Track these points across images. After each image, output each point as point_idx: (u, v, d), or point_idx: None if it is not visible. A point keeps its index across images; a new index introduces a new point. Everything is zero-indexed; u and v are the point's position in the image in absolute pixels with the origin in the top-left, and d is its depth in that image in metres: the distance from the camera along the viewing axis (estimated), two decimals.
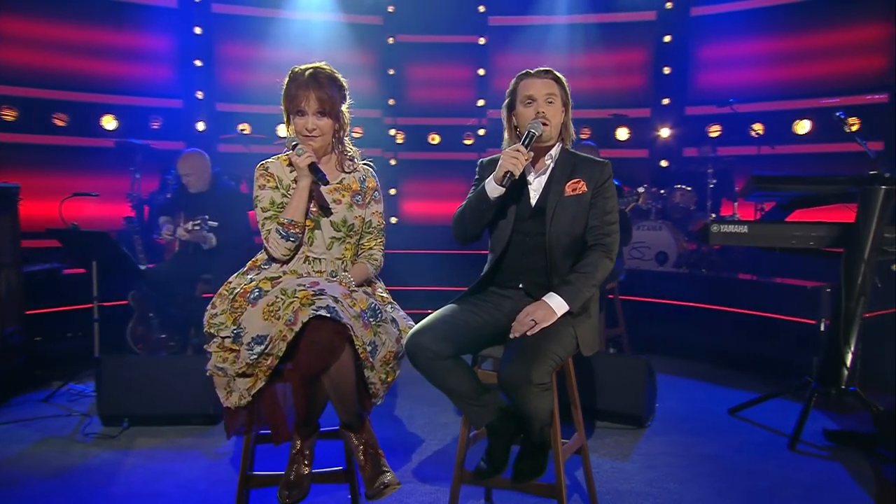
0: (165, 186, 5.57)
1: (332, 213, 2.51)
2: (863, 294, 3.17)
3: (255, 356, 2.23)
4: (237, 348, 2.28)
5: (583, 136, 7.56)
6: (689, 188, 6.19)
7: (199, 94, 7.23)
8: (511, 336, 2.27)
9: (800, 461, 3.17)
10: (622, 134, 7.45)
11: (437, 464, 3.15)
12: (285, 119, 2.51)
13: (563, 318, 2.29)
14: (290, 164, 2.51)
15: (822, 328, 4.16)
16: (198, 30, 7.13)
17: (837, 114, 3.51)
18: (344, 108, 2.52)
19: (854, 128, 6.47)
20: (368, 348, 2.29)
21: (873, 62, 6.29)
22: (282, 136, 7.07)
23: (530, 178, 2.50)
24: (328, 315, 2.17)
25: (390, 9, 7.65)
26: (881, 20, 6.21)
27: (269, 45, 7.31)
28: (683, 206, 6.13)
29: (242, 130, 6.95)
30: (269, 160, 2.55)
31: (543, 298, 2.31)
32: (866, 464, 3.12)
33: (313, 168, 2.40)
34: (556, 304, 2.29)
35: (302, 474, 2.39)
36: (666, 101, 7.22)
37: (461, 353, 2.36)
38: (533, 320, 2.24)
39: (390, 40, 7.75)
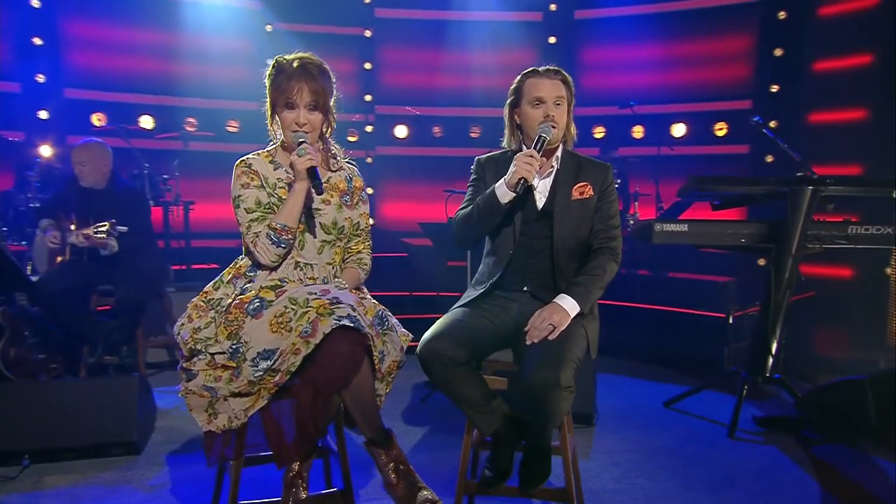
0: (25, 185, 4.95)
1: (322, 215, 2.40)
2: (789, 287, 3.51)
3: (261, 373, 2.08)
4: (233, 365, 2.13)
5: (472, 135, 7.71)
6: None
7: (41, 78, 6.50)
8: (529, 342, 2.26)
9: (743, 448, 3.44)
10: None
11: (429, 478, 3.07)
12: (269, 113, 2.36)
13: (574, 320, 2.32)
14: (273, 161, 2.37)
15: (731, 321, 4.55)
16: (35, 2, 6.40)
17: (755, 118, 3.84)
18: (332, 102, 2.39)
19: (722, 132, 7.15)
20: (378, 357, 2.20)
21: (738, 71, 7.00)
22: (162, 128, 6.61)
23: (535, 180, 2.50)
24: (351, 325, 2.06)
25: None
26: (744, 33, 6.92)
27: (127, 24, 6.74)
28: None
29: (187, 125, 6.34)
30: (249, 156, 2.38)
31: (556, 301, 2.33)
32: (797, 446, 3.45)
33: (312, 173, 2.26)
34: (569, 306, 2.32)
35: (300, 499, 2.24)
36: None
37: (473, 358, 2.35)
38: (551, 325, 2.26)
39: (268, 28, 7.42)
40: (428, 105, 7.61)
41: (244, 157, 2.37)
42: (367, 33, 7.65)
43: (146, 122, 6.85)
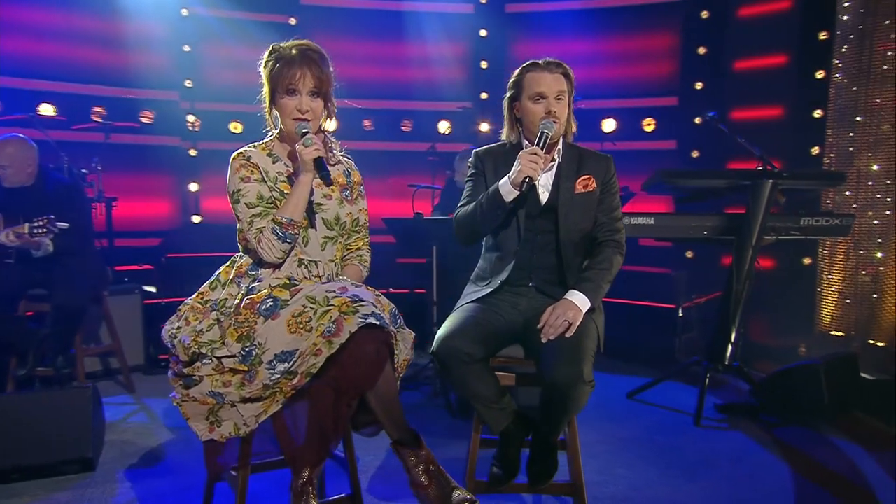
0: None
1: (324, 210, 2.34)
2: (748, 277, 3.70)
3: (278, 376, 2.02)
4: (244, 368, 2.06)
5: (404, 129, 7.66)
6: None
7: None
8: (545, 339, 2.28)
9: (710, 435, 3.60)
10: (443, 127, 7.68)
11: None
12: (267, 101, 2.30)
13: (586, 315, 2.36)
14: (272, 154, 2.31)
15: (680, 312, 4.74)
16: None
17: (710, 114, 4.02)
18: (331, 89, 2.33)
19: (650, 127, 7.44)
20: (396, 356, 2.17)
21: (664, 68, 7.30)
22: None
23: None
24: (377, 323, 2.03)
25: None
26: (669, 31, 7.23)
27: (24, 5, 6.25)
28: None
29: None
30: (246, 148, 2.30)
31: (567, 297, 2.36)
32: (760, 430, 3.65)
33: (319, 163, 2.20)
34: (581, 301, 2.35)
35: None
36: (484, 96, 7.62)
37: (489, 355, 2.35)
38: (566, 321, 2.28)
39: (184, 12, 7.07)
40: (357, 97, 7.48)
41: (241, 150, 2.30)
42: (292, 21, 7.40)
43: (46, 109, 6.35)
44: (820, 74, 6.02)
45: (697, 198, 3.96)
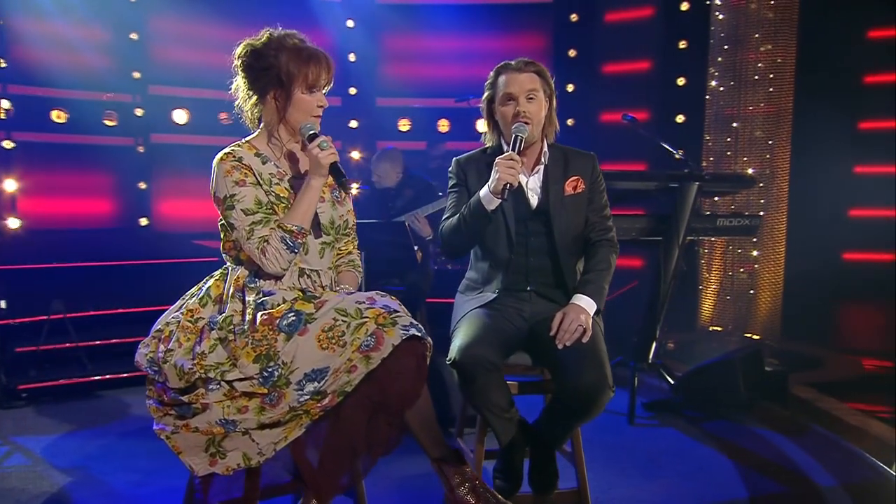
0: None
1: (320, 215, 2.25)
2: (674, 277, 3.97)
3: (307, 397, 1.92)
4: (263, 391, 1.93)
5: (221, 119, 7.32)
6: None
7: None
8: (560, 345, 2.31)
9: (648, 433, 3.83)
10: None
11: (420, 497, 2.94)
12: (254, 95, 2.21)
13: (593, 318, 2.43)
14: (259, 154, 2.18)
15: None
16: None
17: (627, 117, 4.25)
18: None
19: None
20: None
21: None
22: None
23: (521, 177, 2.55)
24: (419, 334, 1.98)
25: None
26: (541, 32, 7.57)
27: None
28: None
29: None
30: (235, 148, 2.17)
31: (574, 302, 2.42)
32: (690, 426, 3.93)
33: (335, 168, 2.12)
34: (587, 304, 2.44)
35: None
36: (353, 91, 7.48)
37: (503, 363, 2.40)
38: (580, 326, 2.33)
39: None
40: (212, 88, 7.05)
41: (230, 150, 2.15)
42: None
43: None
44: (681, 81, 6.62)
45: (627, 200, 4.18)
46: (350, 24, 7.45)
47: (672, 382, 4.13)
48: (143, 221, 6.96)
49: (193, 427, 1.96)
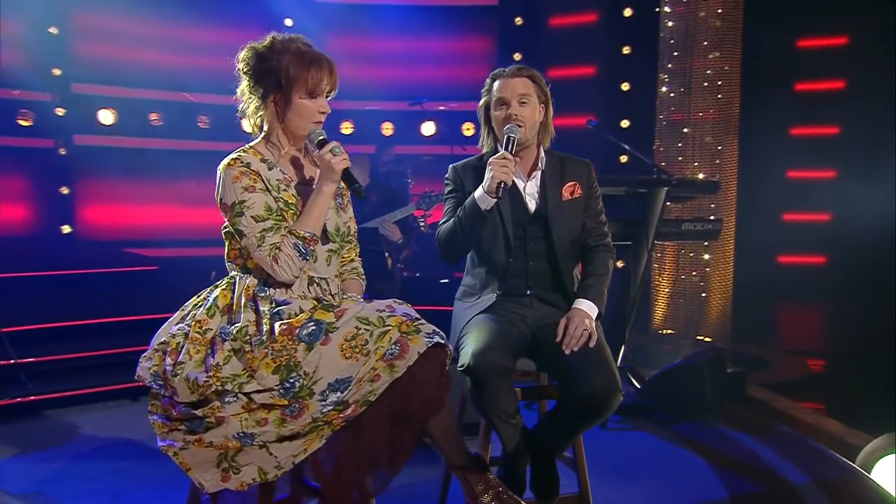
0: None
1: (326, 222, 2.24)
2: (643, 280, 4.09)
3: (330, 407, 1.91)
4: (283, 403, 1.91)
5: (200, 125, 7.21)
6: None
7: None
8: (568, 351, 2.36)
9: (621, 437, 3.93)
10: (249, 126, 7.27)
11: None
12: (258, 100, 2.18)
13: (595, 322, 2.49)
14: (265, 160, 2.17)
15: None
16: None
17: (591, 123, 4.37)
18: None
19: (469, 133, 7.82)
20: None
21: (482, 72, 7.67)
22: None
23: (519, 182, 2.63)
24: (443, 342, 2.01)
25: None
26: (486, 34, 7.67)
27: None
28: None
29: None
30: (240, 153, 2.15)
31: (577, 307, 2.48)
32: (659, 428, 4.04)
33: (347, 175, 2.14)
34: (589, 309, 2.49)
35: None
36: None
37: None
38: (586, 331, 2.39)
39: None
40: (142, 87, 6.87)
41: (236, 155, 2.13)
42: None
43: None
44: (626, 86, 6.84)
45: None
46: (288, 22, 7.35)
47: (639, 386, 4.25)
48: (66, 229, 6.68)
49: (207, 442, 1.91)
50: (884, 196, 5.63)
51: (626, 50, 7.02)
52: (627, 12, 6.97)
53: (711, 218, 4.59)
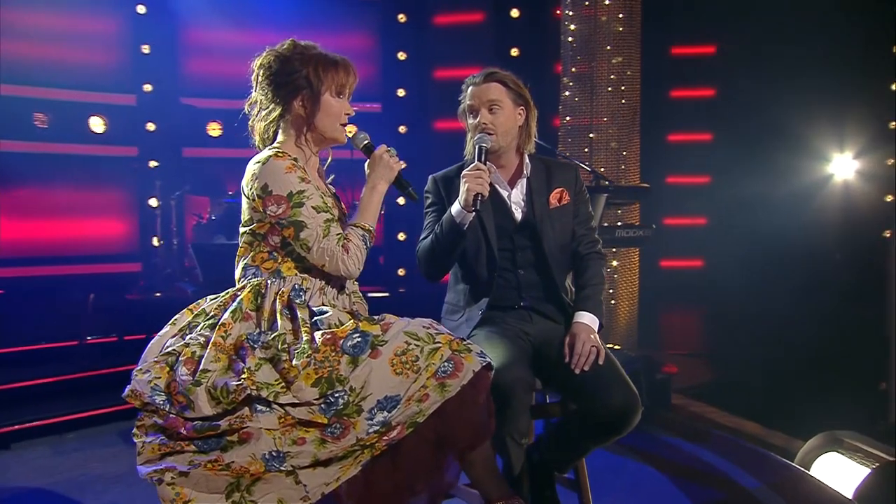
0: None
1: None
2: None
3: (377, 427, 1.85)
4: (322, 420, 1.82)
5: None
6: None
7: None
8: (578, 370, 2.40)
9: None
10: (96, 125, 6.73)
11: None
12: (279, 104, 2.19)
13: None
14: (297, 161, 2.16)
15: None
16: None
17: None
18: None
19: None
20: None
21: (363, 72, 7.58)
22: None
23: (502, 191, 2.65)
24: (493, 364, 2.05)
25: None
26: (367, 31, 7.58)
27: None
28: None
29: None
30: (277, 150, 2.14)
31: (579, 321, 2.52)
32: (624, 446, 4.13)
33: (399, 178, 2.22)
34: (591, 321, 2.54)
35: None
36: (148, 88, 6.91)
37: None
38: (594, 347, 2.43)
39: None
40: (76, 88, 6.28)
41: (278, 150, 2.10)
42: None
43: None
44: None
45: None
46: (141, 9, 6.87)
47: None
48: None
49: (224, 463, 1.78)
50: (754, 200, 6.17)
51: (514, 52, 7.23)
52: (515, 13, 7.18)
53: (639, 224, 4.79)
